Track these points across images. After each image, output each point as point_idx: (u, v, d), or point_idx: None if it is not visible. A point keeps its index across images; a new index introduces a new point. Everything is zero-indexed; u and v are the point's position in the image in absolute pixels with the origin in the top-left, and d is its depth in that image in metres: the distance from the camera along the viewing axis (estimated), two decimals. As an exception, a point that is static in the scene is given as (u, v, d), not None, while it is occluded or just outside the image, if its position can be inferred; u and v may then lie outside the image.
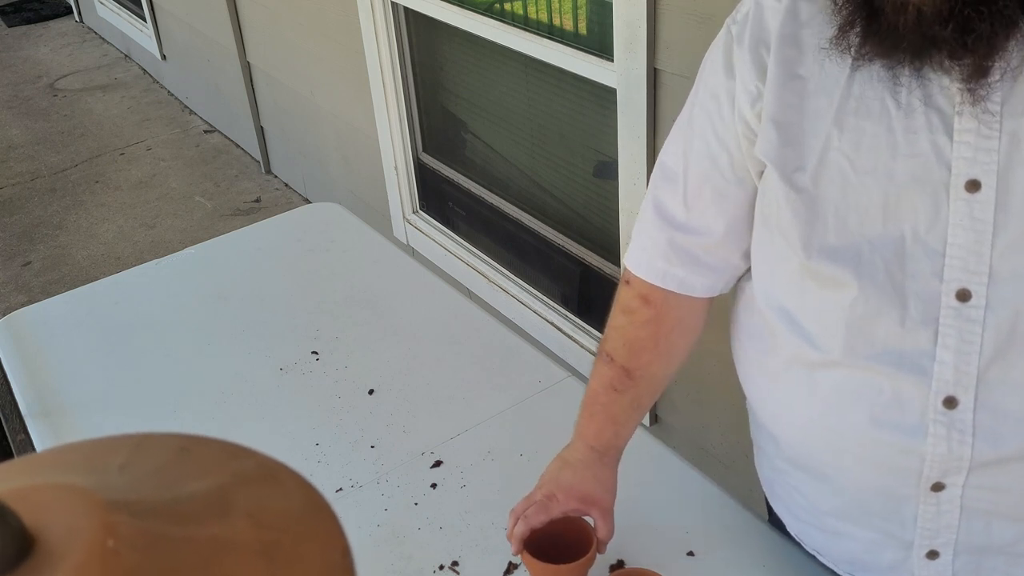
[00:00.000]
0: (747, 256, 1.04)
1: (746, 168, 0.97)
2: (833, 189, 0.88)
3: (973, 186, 0.81)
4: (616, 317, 1.12)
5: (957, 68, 0.78)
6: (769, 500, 1.15)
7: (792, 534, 1.13)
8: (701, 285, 1.06)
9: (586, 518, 1.14)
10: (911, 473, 0.89)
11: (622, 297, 1.11)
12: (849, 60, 0.84)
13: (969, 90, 0.78)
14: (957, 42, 0.75)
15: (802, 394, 0.95)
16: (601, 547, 1.13)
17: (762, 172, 0.96)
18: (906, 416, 0.87)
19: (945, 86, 0.80)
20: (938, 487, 0.88)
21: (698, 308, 1.09)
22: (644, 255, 1.07)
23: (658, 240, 1.06)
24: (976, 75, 0.77)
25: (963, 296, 0.83)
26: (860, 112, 0.85)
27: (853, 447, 0.92)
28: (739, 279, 1.08)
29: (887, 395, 0.88)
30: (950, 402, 0.85)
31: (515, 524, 1.12)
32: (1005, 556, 0.91)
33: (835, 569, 1.07)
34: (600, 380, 1.13)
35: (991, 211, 0.80)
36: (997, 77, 0.77)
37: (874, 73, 0.84)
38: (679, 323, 1.10)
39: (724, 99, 0.96)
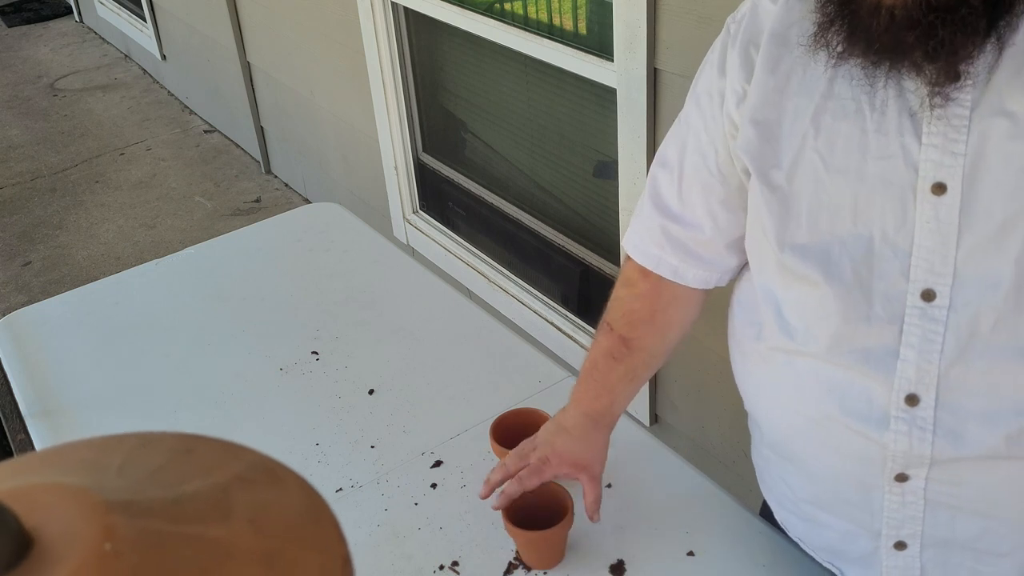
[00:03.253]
0: (738, 252, 1.07)
1: (731, 164, 1.01)
2: (806, 187, 0.90)
3: (939, 189, 0.82)
4: (617, 289, 1.17)
5: (925, 72, 0.79)
6: (761, 489, 1.17)
7: (778, 521, 1.15)
8: (693, 276, 1.10)
9: (564, 482, 1.19)
10: (875, 463, 0.91)
11: (624, 270, 1.16)
12: (828, 59, 0.85)
13: (935, 95, 0.80)
14: (922, 47, 0.76)
15: (782, 381, 0.98)
16: (591, 511, 1.17)
17: (746, 169, 0.99)
18: (872, 410, 0.90)
19: (916, 89, 0.82)
20: (902, 478, 0.90)
21: (694, 293, 1.13)
22: (639, 239, 1.12)
23: (652, 227, 1.10)
24: (940, 80, 0.79)
25: (928, 296, 0.85)
26: (837, 113, 0.87)
27: (825, 435, 0.95)
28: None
29: (856, 388, 0.90)
30: (912, 399, 0.87)
31: (501, 479, 1.18)
32: (971, 551, 0.92)
33: (815, 557, 1.10)
34: (599, 349, 1.17)
35: (956, 214, 0.82)
36: (960, 83, 0.79)
37: (852, 74, 0.85)
38: (675, 299, 1.13)
39: (716, 97, 0.99)
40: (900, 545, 0.95)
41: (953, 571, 0.95)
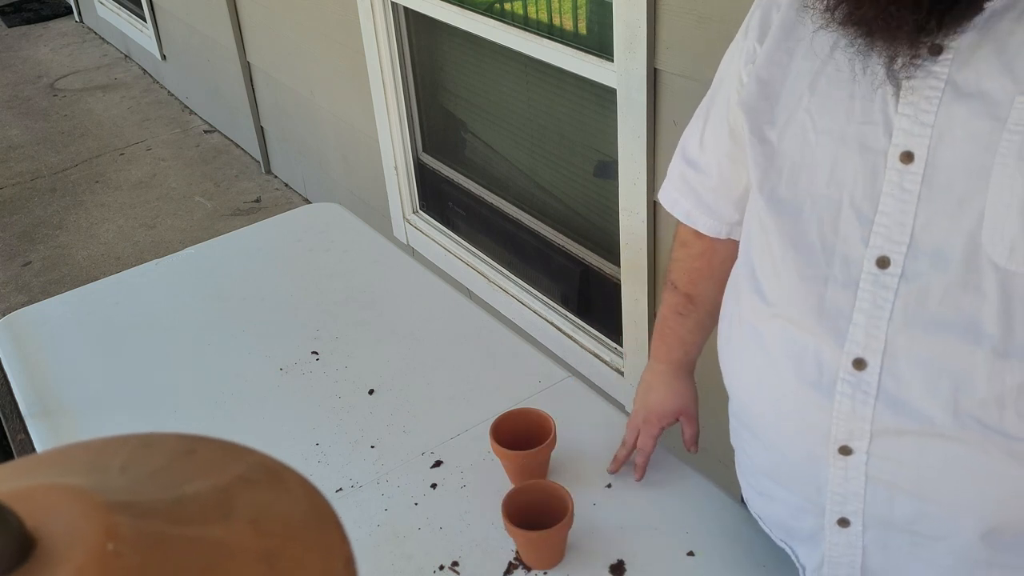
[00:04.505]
0: (739, 207, 1.13)
1: (736, 121, 1.06)
2: (793, 146, 0.93)
3: (907, 158, 0.84)
4: (676, 249, 1.25)
5: (909, 41, 0.81)
6: (736, 468, 1.18)
7: (744, 499, 1.18)
8: (704, 224, 1.18)
9: (564, 482, 1.26)
10: (821, 433, 0.93)
11: (678, 231, 1.24)
12: (829, 22, 0.87)
13: (914, 65, 0.82)
14: (911, 16, 0.78)
15: (751, 349, 1.01)
16: (688, 446, 1.36)
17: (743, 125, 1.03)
18: (823, 375, 0.92)
19: (904, 59, 0.83)
20: (845, 451, 0.92)
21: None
22: (666, 183, 1.22)
23: (675, 172, 1.20)
24: (921, 51, 0.81)
25: (882, 263, 0.87)
26: (832, 78, 0.90)
27: (781, 403, 0.97)
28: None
29: (810, 353, 0.93)
30: (859, 363, 0.89)
31: (628, 453, 1.33)
32: (908, 534, 0.94)
33: (771, 535, 1.12)
34: (667, 307, 1.28)
35: (918, 183, 0.84)
36: (940, 56, 0.81)
37: (852, 42, 0.87)
38: (729, 255, 1.18)
39: (735, 54, 1.05)
40: (843, 522, 0.97)
41: (893, 554, 0.96)
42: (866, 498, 0.94)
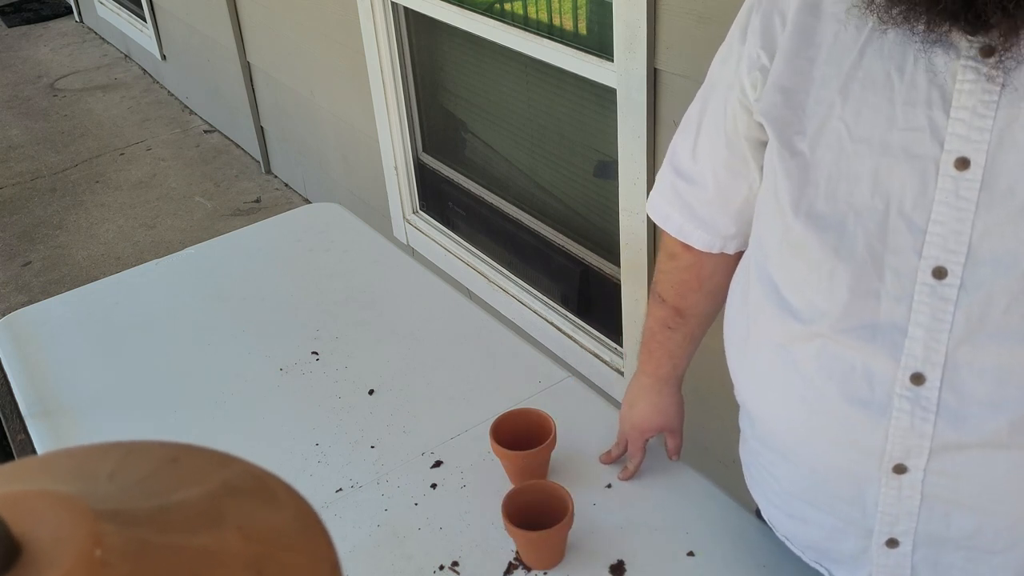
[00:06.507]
0: (737, 220, 1.10)
1: (736, 130, 1.02)
2: (828, 155, 0.89)
3: (962, 164, 0.81)
4: (663, 261, 1.22)
5: (961, 46, 0.79)
6: (748, 485, 1.16)
7: (766, 519, 1.14)
8: (697, 238, 1.14)
9: (564, 483, 1.27)
10: (874, 452, 0.90)
11: (666, 242, 1.20)
12: (865, 30, 0.85)
13: (968, 68, 0.79)
14: (974, 20, 0.75)
15: (780, 370, 0.97)
16: (672, 455, 1.36)
17: (758, 137, 1.00)
18: (875, 392, 0.88)
19: (951, 62, 0.81)
20: (900, 469, 0.89)
21: (735, 259, 1.15)
22: (655, 195, 1.18)
23: (665, 184, 1.15)
24: (975, 54, 0.78)
25: (939, 274, 0.84)
26: (866, 83, 0.86)
27: (822, 423, 0.94)
28: (740, 259, 1.12)
29: (858, 371, 0.89)
30: (917, 378, 0.86)
31: (621, 452, 1.35)
32: (964, 551, 0.91)
33: (803, 557, 1.09)
34: (655, 319, 1.25)
35: (976, 190, 0.81)
36: (995, 59, 0.78)
37: (885, 46, 0.85)
38: (718, 267, 1.16)
39: (732, 60, 1.01)
40: (892, 543, 0.94)
41: (944, 572, 0.94)
42: (920, 517, 0.91)
